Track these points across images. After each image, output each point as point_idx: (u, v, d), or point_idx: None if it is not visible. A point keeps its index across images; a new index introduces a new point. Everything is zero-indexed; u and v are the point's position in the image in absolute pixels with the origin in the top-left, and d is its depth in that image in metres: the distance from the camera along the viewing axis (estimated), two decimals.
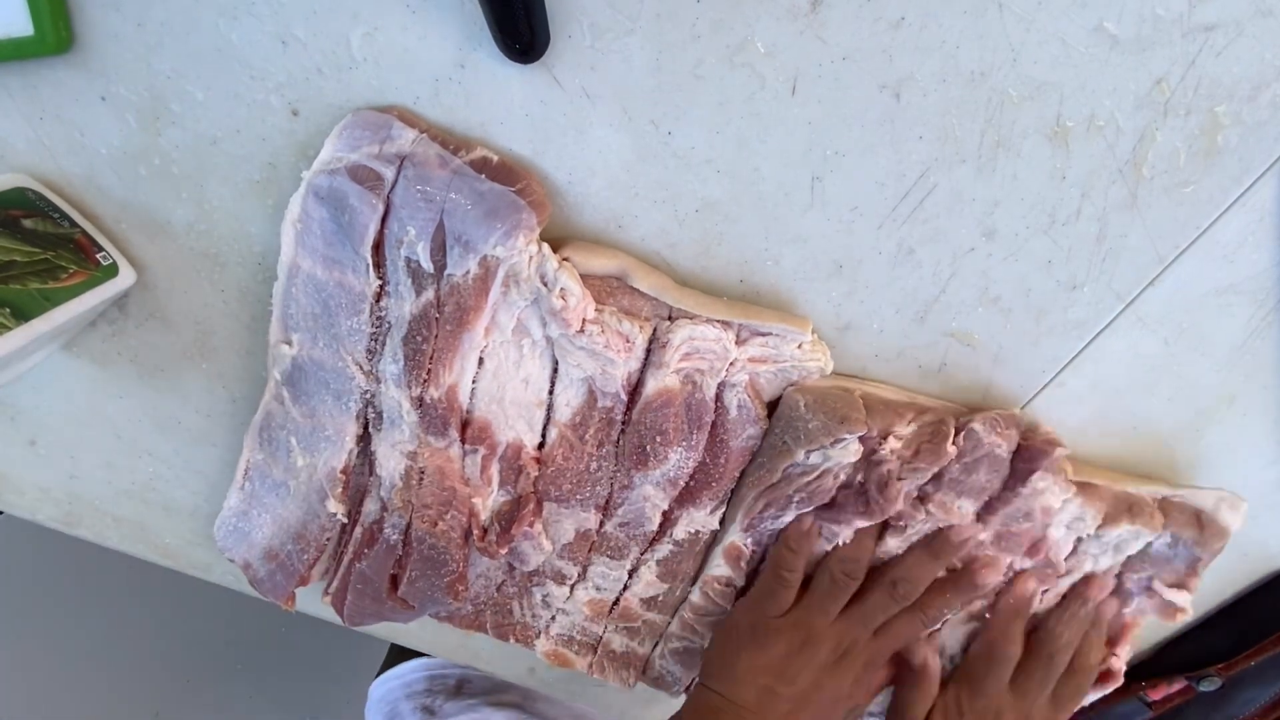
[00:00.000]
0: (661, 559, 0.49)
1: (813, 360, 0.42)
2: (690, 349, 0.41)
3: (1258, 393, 0.45)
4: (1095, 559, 0.48)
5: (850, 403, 0.42)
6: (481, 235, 0.38)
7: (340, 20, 0.36)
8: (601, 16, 0.35)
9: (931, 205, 0.39)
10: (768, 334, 0.41)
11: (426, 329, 0.40)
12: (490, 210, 0.37)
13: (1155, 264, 0.40)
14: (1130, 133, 0.36)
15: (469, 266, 0.38)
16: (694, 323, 0.40)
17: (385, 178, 0.37)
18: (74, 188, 0.42)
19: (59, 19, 0.36)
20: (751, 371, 0.42)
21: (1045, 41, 0.34)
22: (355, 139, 0.37)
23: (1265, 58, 0.34)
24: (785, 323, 0.41)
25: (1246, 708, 0.56)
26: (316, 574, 0.51)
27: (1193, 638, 0.57)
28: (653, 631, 0.54)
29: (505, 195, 0.37)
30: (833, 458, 0.42)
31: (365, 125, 0.37)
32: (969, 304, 0.42)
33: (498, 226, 0.37)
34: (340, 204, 0.38)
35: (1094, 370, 0.44)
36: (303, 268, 0.40)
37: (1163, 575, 0.49)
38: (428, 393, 0.42)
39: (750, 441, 0.44)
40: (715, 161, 0.38)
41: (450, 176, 0.37)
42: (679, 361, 0.41)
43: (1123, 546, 0.47)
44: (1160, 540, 0.47)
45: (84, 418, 0.51)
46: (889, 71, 0.35)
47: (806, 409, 0.42)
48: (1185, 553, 0.47)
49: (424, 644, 0.61)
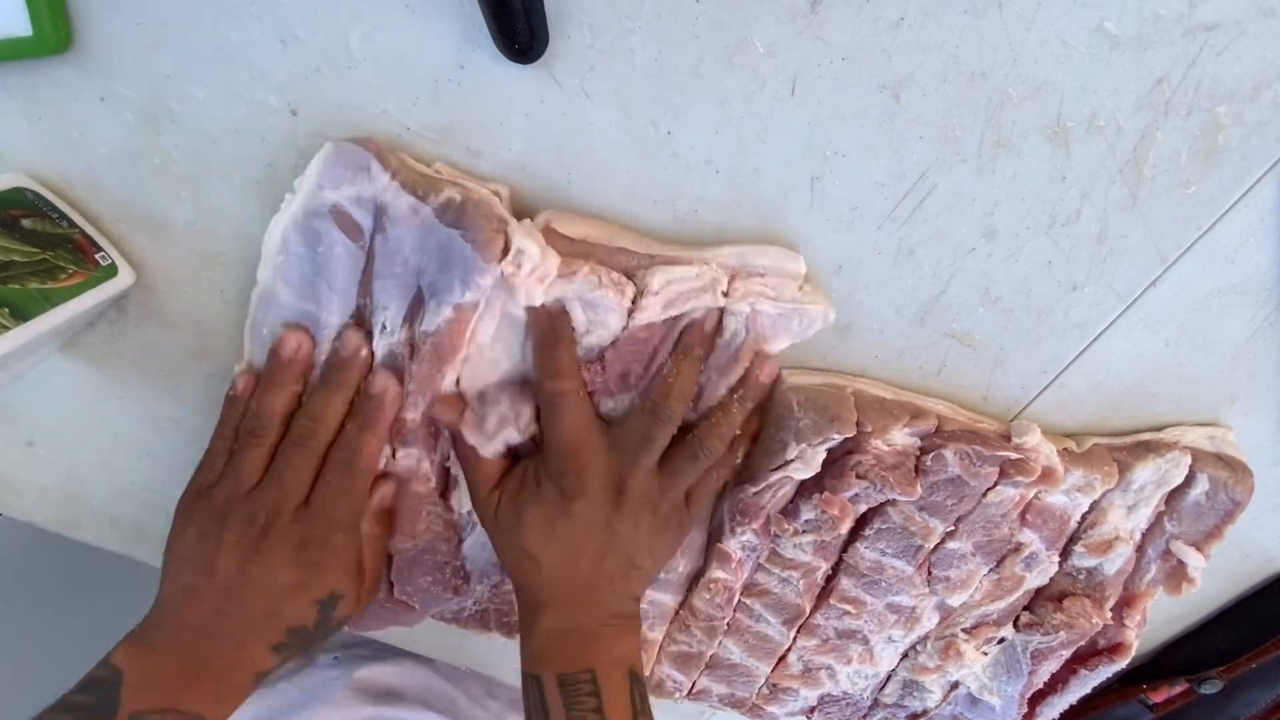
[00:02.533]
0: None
1: (814, 305, 0.41)
2: (673, 294, 0.40)
3: (1260, 393, 0.45)
4: (1129, 511, 0.47)
5: (841, 401, 0.42)
6: (445, 286, 0.39)
7: (340, 20, 0.36)
8: (601, 17, 0.35)
9: (931, 205, 0.39)
10: (763, 264, 0.40)
11: (403, 366, 0.42)
12: (445, 261, 0.38)
13: (1156, 264, 0.40)
14: (1131, 133, 0.36)
15: (444, 314, 0.39)
16: (671, 265, 0.39)
17: (365, 228, 0.39)
18: (73, 187, 0.42)
19: (58, 19, 0.36)
20: (753, 304, 0.41)
21: (1046, 41, 0.34)
22: (336, 176, 0.38)
23: (1266, 57, 0.34)
24: (773, 247, 0.40)
25: (1248, 710, 0.56)
26: None
27: (1194, 640, 0.57)
28: (662, 615, 0.53)
29: (454, 242, 0.37)
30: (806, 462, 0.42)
31: (345, 163, 0.37)
32: (969, 305, 0.42)
33: (455, 277, 0.38)
34: (323, 245, 0.39)
35: (1095, 371, 0.44)
36: (280, 297, 0.41)
37: (1189, 533, 0.48)
38: (404, 413, 0.43)
39: (725, 388, 0.43)
40: (715, 161, 0.38)
41: (421, 232, 0.38)
42: (663, 311, 0.40)
43: (1164, 482, 0.46)
44: (1197, 491, 0.46)
45: (82, 418, 0.51)
46: (889, 71, 0.35)
47: (798, 407, 0.42)
48: (1225, 499, 0.46)
49: (424, 647, 0.61)
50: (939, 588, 0.49)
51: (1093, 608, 0.49)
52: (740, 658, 0.54)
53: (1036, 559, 0.47)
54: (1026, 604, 0.51)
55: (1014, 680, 0.53)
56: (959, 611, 0.51)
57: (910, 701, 0.56)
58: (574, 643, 0.42)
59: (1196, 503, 0.47)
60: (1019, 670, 0.52)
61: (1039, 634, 0.50)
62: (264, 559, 0.41)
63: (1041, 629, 0.50)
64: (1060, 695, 0.53)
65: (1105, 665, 0.51)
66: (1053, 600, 0.50)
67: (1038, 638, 0.50)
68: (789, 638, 0.52)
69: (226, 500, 0.42)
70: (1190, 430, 0.46)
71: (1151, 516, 0.48)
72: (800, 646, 0.53)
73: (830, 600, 0.50)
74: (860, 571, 0.48)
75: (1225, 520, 0.47)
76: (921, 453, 0.44)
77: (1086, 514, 0.47)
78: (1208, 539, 0.47)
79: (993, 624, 0.51)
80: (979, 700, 0.54)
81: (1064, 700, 0.54)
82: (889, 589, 0.49)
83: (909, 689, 0.55)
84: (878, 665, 0.54)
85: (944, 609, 0.50)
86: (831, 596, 0.50)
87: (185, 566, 0.42)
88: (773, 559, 0.49)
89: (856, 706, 0.57)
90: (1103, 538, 0.47)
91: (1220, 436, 0.46)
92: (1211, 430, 0.47)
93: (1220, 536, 0.47)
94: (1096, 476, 0.45)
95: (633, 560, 0.44)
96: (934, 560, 0.48)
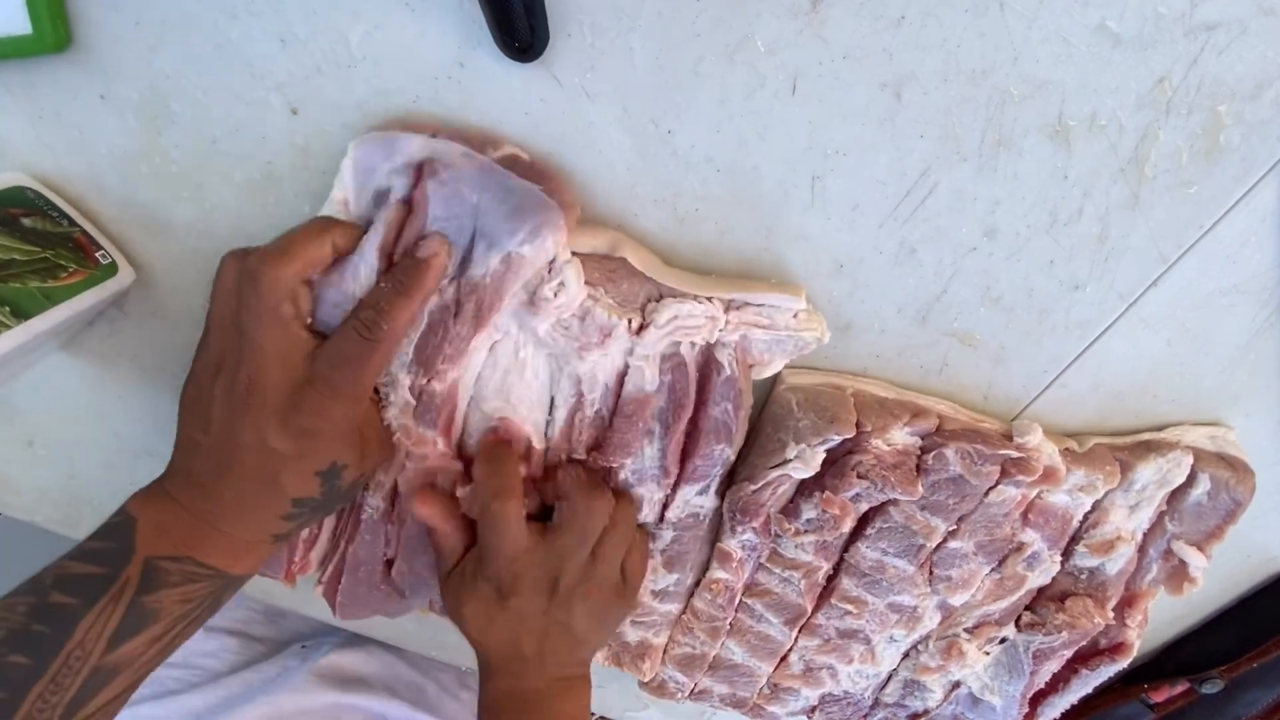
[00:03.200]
0: (664, 548, 0.49)
1: (808, 330, 0.41)
2: (676, 327, 0.40)
3: (1261, 393, 0.45)
4: (1131, 511, 0.47)
5: (840, 401, 0.42)
6: (507, 231, 0.37)
7: (340, 19, 0.36)
8: (601, 15, 0.35)
9: (933, 204, 0.39)
10: (761, 304, 0.41)
11: (445, 327, 0.40)
12: (517, 207, 0.37)
13: (1158, 264, 0.40)
14: (1132, 131, 0.36)
15: (491, 264, 0.38)
16: (680, 300, 0.40)
17: (394, 188, 0.38)
18: (74, 187, 0.42)
19: (57, 18, 0.36)
20: (744, 334, 0.41)
21: (1047, 40, 0.34)
22: (369, 163, 0.37)
23: (1268, 56, 0.34)
24: (778, 293, 0.40)
25: (1249, 709, 0.55)
26: (315, 559, 0.51)
27: (1195, 640, 0.57)
28: (668, 622, 0.53)
29: (534, 193, 0.37)
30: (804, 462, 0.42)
31: (371, 150, 0.37)
32: (971, 304, 0.42)
33: (524, 224, 0.37)
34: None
35: (1096, 371, 0.44)
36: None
37: (1190, 533, 0.48)
38: (430, 386, 0.42)
39: (725, 416, 0.43)
40: (715, 160, 0.38)
41: (479, 173, 0.37)
42: (665, 340, 0.41)
43: (1166, 481, 0.46)
44: (1198, 491, 0.46)
45: (83, 418, 0.51)
46: (890, 70, 0.35)
47: (798, 407, 0.42)
48: (1226, 499, 0.46)
49: (423, 644, 0.61)
50: (940, 587, 0.48)
51: (1095, 608, 0.49)
52: (742, 658, 0.54)
53: (1039, 559, 0.47)
54: (1029, 604, 0.51)
55: (1015, 680, 0.52)
56: (961, 611, 0.51)
57: (911, 701, 0.56)
58: (521, 703, 0.45)
59: (1198, 503, 0.47)
60: (1020, 670, 0.52)
61: (1041, 634, 0.50)
62: (252, 418, 0.37)
63: (1044, 629, 0.50)
64: (1061, 695, 0.53)
65: (1107, 665, 0.51)
66: (1055, 600, 0.50)
67: (1039, 638, 0.50)
68: (791, 637, 0.52)
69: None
70: (1191, 430, 0.46)
71: (1153, 516, 0.47)
72: (802, 646, 0.53)
73: (832, 600, 0.50)
74: (862, 571, 0.48)
75: (1227, 520, 0.47)
76: (923, 452, 0.44)
77: (1089, 514, 0.47)
78: (1209, 539, 0.47)
79: (994, 623, 0.51)
80: (980, 700, 0.54)
81: (1065, 700, 0.54)
82: (890, 588, 0.49)
83: (910, 688, 0.55)
84: (879, 665, 0.54)
85: (946, 608, 0.50)
86: (833, 596, 0.50)
87: (186, 417, 0.40)
88: (774, 559, 0.49)
89: (858, 706, 0.57)
90: (1104, 538, 0.47)
91: (1221, 436, 0.46)
92: (1213, 430, 0.46)
93: (1222, 537, 0.47)
94: (1099, 476, 0.44)
95: (576, 638, 0.45)
96: (936, 560, 0.48)
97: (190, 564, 0.39)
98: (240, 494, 0.39)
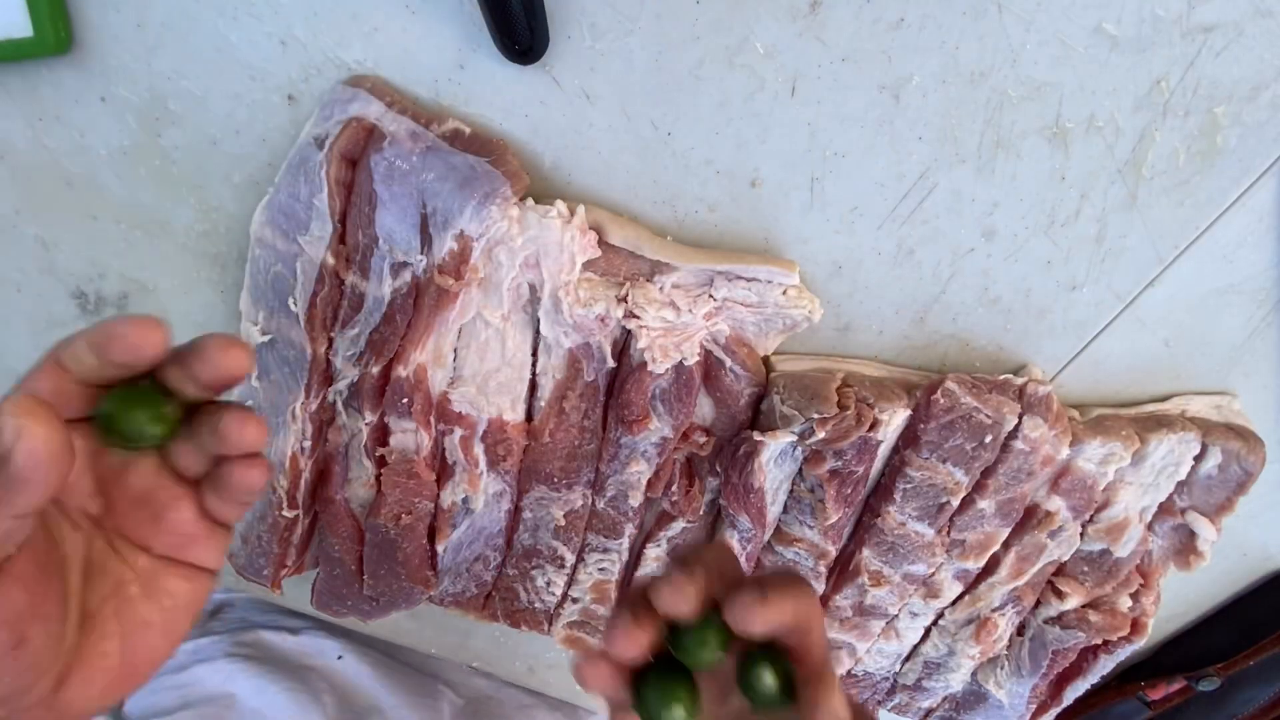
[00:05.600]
0: (672, 536, 0.49)
1: (798, 308, 0.41)
2: (661, 324, 0.40)
3: (1258, 392, 0.45)
4: (1145, 489, 0.47)
5: (823, 382, 0.42)
6: (456, 208, 0.37)
7: (340, 21, 0.36)
8: (601, 17, 0.35)
9: (931, 206, 0.39)
10: (752, 279, 0.40)
11: (403, 311, 0.40)
12: (463, 181, 0.37)
13: (1155, 264, 0.40)
14: (1130, 133, 0.36)
15: (447, 244, 0.38)
16: (662, 291, 0.40)
17: (330, 135, 0.38)
18: (74, 187, 0.42)
19: (58, 20, 0.36)
20: (733, 319, 0.41)
21: (1045, 42, 0.34)
22: (327, 113, 0.37)
23: (1264, 58, 0.34)
24: (769, 264, 0.40)
25: (1246, 707, 0.56)
26: (309, 562, 0.51)
27: (1192, 637, 0.57)
28: None
29: (478, 165, 0.37)
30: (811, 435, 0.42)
31: (337, 99, 0.37)
32: (969, 304, 0.42)
33: (471, 198, 0.37)
34: (304, 173, 0.38)
35: (1094, 371, 0.44)
36: (264, 238, 0.40)
37: (1200, 506, 0.47)
38: (395, 370, 0.41)
39: (749, 396, 0.44)
40: (715, 162, 0.38)
41: (423, 154, 0.37)
42: (654, 340, 0.41)
43: (1177, 462, 0.45)
44: (1209, 464, 0.46)
45: None
46: (888, 72, 0.35)
47: (784, 388, 0.42)
48: (1237, 470, 0.46)
49: (424, 642, 0.61)
50: (955, 553, 0.48)
51: (1120, 616, 0.49)
52: None
53: (1064, 529, 0.47)
54: (1055, 594, 0.51)
55: (1026, 678, 0.53)
56: (984, 591, 0.51)
57: (930, 683, 0.56)
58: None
59: (1209, 475, 0.46)
60: (1038, 664, 0.52)
61: (1074, 631, 0.50)
62: None
63: (1076, 628, 0.50)
64: (1084, 678, 0.54)
65: (1124, 646, 0.52)
66: (1071, 580, 0.50)
67: (1071, 633, 0.51)
68: None
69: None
70: (1196, 399, 0.46)
71: (1163, 498, 0.48)
72: None
73: (851, 575, 0.50)
74: (886, 540, 0.47)
75: (1237, 491, 0.46)
76: (928, 393, 0.43)
77: (1104, 489, 0.47)
78: (1219, 511, 0.47)
79: (1016, 599, 0.51)
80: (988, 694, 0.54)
81: (1086, 682, 0.54)
82: (907, 556, 0.48)
83: (930, 670, 0.55)
84: (902, 640, 0.54)
85: (963, 576, 0.50)
86: (851, 570, 0.49)
87: None
88: (779, 537, 0.49)
89: (876, 688, 0.57)
90: (1114, 520, 0.47)
91: (1226, 405, 0.46)
92: (1218, 399, 0.46)
93: (1232, 508, 0.47)
94: (1117, 443, 0.44)
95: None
96: (954, 523, 0.47)
97: None
98: None
